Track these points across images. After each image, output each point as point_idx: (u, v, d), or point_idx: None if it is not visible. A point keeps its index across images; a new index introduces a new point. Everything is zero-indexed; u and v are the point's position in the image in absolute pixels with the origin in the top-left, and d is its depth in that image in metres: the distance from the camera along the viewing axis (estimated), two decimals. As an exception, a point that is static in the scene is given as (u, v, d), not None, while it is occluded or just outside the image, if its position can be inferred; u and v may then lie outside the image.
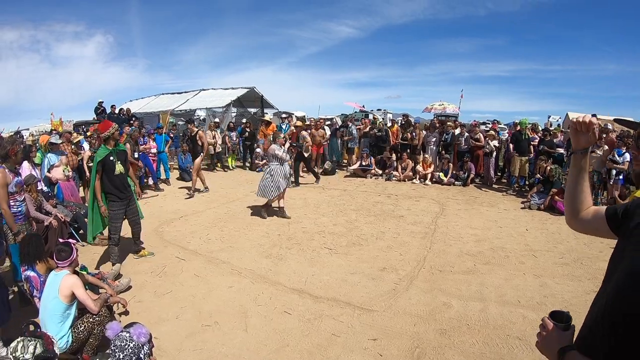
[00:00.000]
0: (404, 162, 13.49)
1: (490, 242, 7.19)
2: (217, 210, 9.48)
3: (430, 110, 22.50)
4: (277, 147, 8.55)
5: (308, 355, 3.98)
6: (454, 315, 4.68)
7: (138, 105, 22.92)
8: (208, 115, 17.66)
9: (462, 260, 6.36)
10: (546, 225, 8.32)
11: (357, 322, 4.57)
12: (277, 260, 6.38)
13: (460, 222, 8.45)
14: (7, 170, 4.83)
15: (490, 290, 5.29)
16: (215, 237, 7.50)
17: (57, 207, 6.73)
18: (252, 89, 19.57)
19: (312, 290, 5.35)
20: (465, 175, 12.44)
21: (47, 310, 3.80)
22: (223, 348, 4.11)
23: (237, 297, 5.21)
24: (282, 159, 8.53)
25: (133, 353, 2.35)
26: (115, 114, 17.79)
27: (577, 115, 1.73)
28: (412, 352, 4.00)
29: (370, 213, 9.16)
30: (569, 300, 4.99)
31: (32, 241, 4.43)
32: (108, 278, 5.32)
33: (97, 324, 3.90)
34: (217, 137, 15.16)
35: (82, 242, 6.98)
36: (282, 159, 8.52)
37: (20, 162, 5.20)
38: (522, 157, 11.51)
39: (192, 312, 4.84)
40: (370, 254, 6.64)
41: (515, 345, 4.08)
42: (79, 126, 16.68)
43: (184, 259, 6.45)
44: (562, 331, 1.53)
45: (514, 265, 6.15)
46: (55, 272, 3.99)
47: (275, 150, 8.47)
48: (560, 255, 6.58)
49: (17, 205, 5.06)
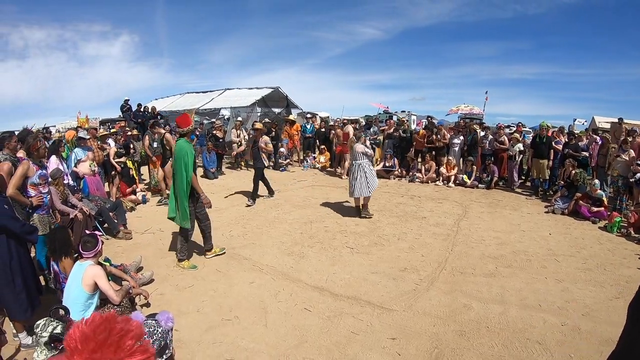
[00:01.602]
0: (427, 164, 13.42)
1: (512, 245, 7.12)
2: (240, 208, 9.57)
3: (456, 111, 22.36)
4: (362, 145, 8.73)
5: (327, 352, 4.01)
6: (474, 317, 4.66)
7: (163, 103, 23.22)
8: (232, 115, 17.78)
9: (483, 262, 6.32)
10: (570, 230, 8.21)
11: (376, 321, 4.59)
12: (299, 258, 6.43)
13: (482, 224, 8.39)
14: (31, 162, 5.02)
15: (511, 294, 5.26)
16: (237, 234, 7.58)
17: (82, 201, 6.87)
18: (276, 89, 19.67)
19: (332, 288, 5.39)
20: (488, 178, 12.33)
21: (69, 298, 3.90)
22: (242, 342, 4.16)
23: (258, 292, 5.27)
24: (371, 156, 9.12)
25: (162, 338, 2.39)
26: (141, 112, 18.05)
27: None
28: (430, 353, 4.00)
29: (392, 214, 9.15)
30: (590, 306, 4.93)
31: (57, 236, 4.53)
32: (130, 270, 5.43)
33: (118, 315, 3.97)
34: (242, 135, 15.25)
35: (107, 236, 7.10)
36: (371, 155, 9.11)
37: (43, 156, 5.35)
38: (540, 160, 11.35)
39: (212, 306, 4.92)
40: (391, 254, 6.65)
41: (535, 349, 4.05)
42: (105, 124, 16.97)
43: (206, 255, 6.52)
44: None
45: (535, 269, 6.09)
46: (80, 262, 4.09)
47: (364, 148, 8.73)
48: (583, 260, 6.49)
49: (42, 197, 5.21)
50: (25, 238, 4.14)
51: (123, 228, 7.44)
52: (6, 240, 3.96)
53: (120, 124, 13.93)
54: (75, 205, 6.41)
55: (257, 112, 19.00)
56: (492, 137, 12.82)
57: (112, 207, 7.55)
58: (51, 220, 5.39)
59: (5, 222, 3.92)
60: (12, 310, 4.05)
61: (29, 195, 5.02)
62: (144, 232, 7.71)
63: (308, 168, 15.56)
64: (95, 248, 4.12)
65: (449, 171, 12.96)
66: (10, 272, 3.98)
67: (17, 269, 4.02)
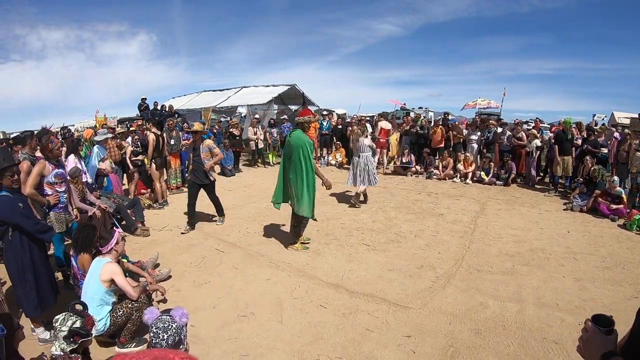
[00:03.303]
0: (444, 161, 13.36)
1: (530, 243, 7.06)
2: (257, 205, 9.62)
3: (473, 106, 22.13)
4: (368, 139, 9.56)
5: (341, 349, 4.02)
6: (490, 316, 4.63)
7: (180, 102, 23.40)
8: (249, 112, 17.84)
9: (500, 260, 6.28)
10: (588, 227, 8.12)
11: (392, 318, 4.58)
12: (315, 255, 6.45)
13: (500, 222, 8.33)
14: (47, 162, 5.10)
15: (528, 292, 5.21)
16: (254, 231, 7.63)
17: (100, 199, 6.95)
18: (293, 86, 19.72)
19: (348, 286, 5.39)
20: (506, 175, 12.23)
21: (87, 293, 3.98)
22: (257, 338, 4.19)
23: (274, 289, 5.30)
24: (374, 150, 9.76)
25: (176, 333, 2.43)
26: (158, 111, 18.18)
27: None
28: (445, 351, 3.99)
29: (409, 211, 9.12)
30: (608, 306, 4.86)
31: (85, 231, 4.61)
32: (148, 267, 5.50)
33: (135, 310, 4.05)
34: (259, 133, 15.31)
35: (125, 233, 7.16)
36: (374, 149, 9.76)
37: (57, 156, 5.43)
38: (564, 157, 11.22)
39: (228, 302, 4.96)
40: (408, 251, 6.63)
41: (552, 349, 4.01)
42: (123, 122, 17.12)
43: (223, 251, 6.60)
44: (605, 335, 1.47)
45: (553, 268, 6.03)
46: (99, 258, 4.16)
47: (370, 143, 9.52)
48: (602, 259, 6.41)
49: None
50: (39, 237, 4.20)
51: (141, 225, 7.51)
52: (20, 238, 4.04)
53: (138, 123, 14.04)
54: (94, 203, 6.49)
55: (274, 110, 19.08)
56: (510, 134, 12.72)
57: (130, 205, 7.63)
58: (69, 218, 5.47)
59: (18, 220, 4.00)
60: (24, 307, 4.16)
61: (45, 194, 5.10)
62: (162, 229, 7.79)
63: (325, 165, 15.56)
64: (110, 242, 4.18)
65: (466, 168, 12.87)
66: (23, 270, 4.08)
67: (29, 267, 4.11)
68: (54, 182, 5.17)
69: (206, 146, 7.74)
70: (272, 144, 16.26)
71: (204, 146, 7.71)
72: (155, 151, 9.44)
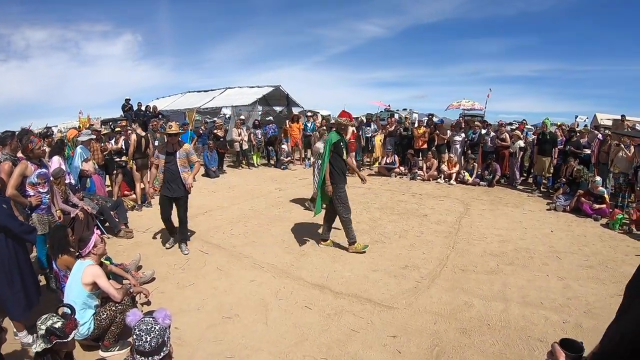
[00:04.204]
0: (428, 162, 13.41)
1: (514, 242, 7.11)
2: (241, 206, 9.57)
3: (457, 107, 22.17)
4: (319, 143, 8.62)
5: (327, 349, 4.00)
6: (475, 315, 4.65)
7: (165, 103, 23.26)
8: (234, 113, 17.78)
9: (485, 260, 6.31)
10: (571, 227, 8.20)
11: (377, 318, 4.58)
12: (300, 256, 6.43)
13: (484, 222, 8.38)
14: (29, 162, 5.02)
15: (513, 291, 5.24)
16: (238, 232, 7.58)
17: (83, 200, 6.87)
18: (277, 87, 19.70)
19: (333, 286, 5.38)
20: (490, 176, 12.31)
21: (70, 297, 3.91)
22: (243, 340, 4.16)
23: (259, 290, 5.27)
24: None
25: (159, 335, 2.40)
26: (142, 111, 18.05)
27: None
28: (431, 350, 3.99)
29: (393, 211, 9.14)
30: (592, 304, 4.91)
31: (56, 233, 4.55)
32: (131, 269, 5.44)
33: (119, 312, 3.99)
34: (243, 134, 15.26)
35: (108, 235, 7.09)
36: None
37: (39, 157, 5.32)
38: (544, 157, 11.37)
39: (213, 304, 4.92)
40: (392, 251, 6.64)
41: (537, 346, 4.03)
42: (107, 123, 16.96)
43: (207, 253, 6.54)
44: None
45: (537, 267, 6.07)
46: (81, 261, 4.10)
47: (321, 149, 8.23)
48: (585, 257, 6.48)
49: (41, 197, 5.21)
50: (24, 238, 4.13)
51: (124, 227, 7.42)
52: (5, 240, 3.96)
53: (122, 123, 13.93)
54: (77, 204, 6.41)
55: (258, 111, 19.03)
56: (494, 135, 12.81)
57: (113, 206, 7.54)
58: (51, 219, 5.38)
59: (5, 221, 3.92)
60: (10, 309, 4.06)
61: (27, 195, 5.01)
62: (145, 230, 7.71)
63: (309, 166, 15.54)
64: (87, 245, 4.12)
65: (450, 169, 12.95)
66: (10, 272, 3.99)
67: (15, 269, 4.02)
68: (36, 183, 5.08)
69: (184, 151, 6.49)
70: (256, 145, 16.21)
71: (181, 151, 6.47)
72: (137, 152, 9.34)
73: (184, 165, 6.47)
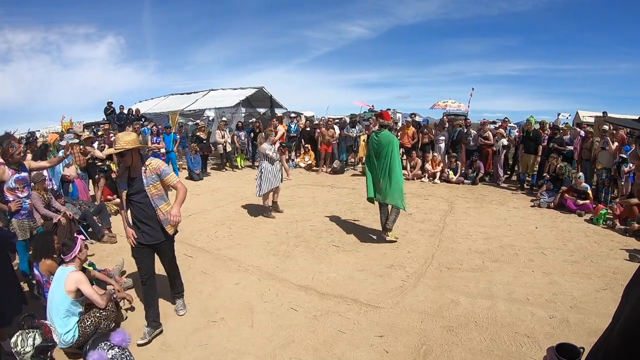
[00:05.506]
0: (413, 161, 13.44)
1: (499, 240, 7.14)
2: (225, 209, 9.50)
3: (443, 107, 22.26)
4: (268, 146, 8.42)
5: (313, 351, 3.97)
6: (462, 313, 4.65)
7: (147, 105, 23.03)
8: (217, 115, 17.68)
9: (470, 257, 6.32)
10: (556, 223, 8.26)
11: (363, 318, 4.55)
12: (285, 258, 6.38)
13: (469, 220, 8.41)
14: (6, 167, 4.93)
15: (499, 288, 5.25)
16: (223, 235, 7.51)
17: (65, 205, 6.77)
18: (260, 89, 19.62)
19: (319, 287, 5.35)
20: (474, 174, 12.37)
21: (53, 304, 3.84)
22: (229, 344, 4.11)
23: (244, 293, 5.21)
24: (271, 159, 8.38)
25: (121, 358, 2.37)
26: (125, 114, 17.88)
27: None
28: (418, 349, 3.98)
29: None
30: (578, 298, 4.93)
31: (40, 238, 4.48)
32: (115, 274, 5.36)
33: (103, 319, 3.94)
34: (226, 136, 15.18)
35: (91, 240, 7.00)
36: (272, 158, 8.37)
37: (18, 162, 5.21)
38: (529, 154, 11.49)
39: (198, 308, 4.87)
40: (378, 251, 6.62)
41: (524, 342, 4.04)
42: (89, 127, 16.79)
43: (192, 256, 6.46)
44: None
45: (523, 263, 6.10)
46: (63, 267, 4.03)
47: (266, 150, 8.34)
48: (570, 253, 6.52)
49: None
50: (6, 243, 4.05)
51: (108, 232, 7.34)
52: None
53: (105, 127, 13.82)
54: (59, 209, 6.33)
55: (241, 113, 18.95)
56: (477, 133, 12.88)
57: (96, 211, 7.44)
58: (33, 225, 5.30)
59: None
60: None
61: (6, 200, 4.93)
62: (128, 235, 7.61)
63: (293, 167, 15.50)
64: (73, 250, 4.05)
65: (434, 168, 12.98)
66: None
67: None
68: (14, 188, 5.00)
69: (153, 172, 4.23)
70: (240, 147, 16.12)
71: (149, 173, 4.21)
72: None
73: (158, 194, 4.33)
